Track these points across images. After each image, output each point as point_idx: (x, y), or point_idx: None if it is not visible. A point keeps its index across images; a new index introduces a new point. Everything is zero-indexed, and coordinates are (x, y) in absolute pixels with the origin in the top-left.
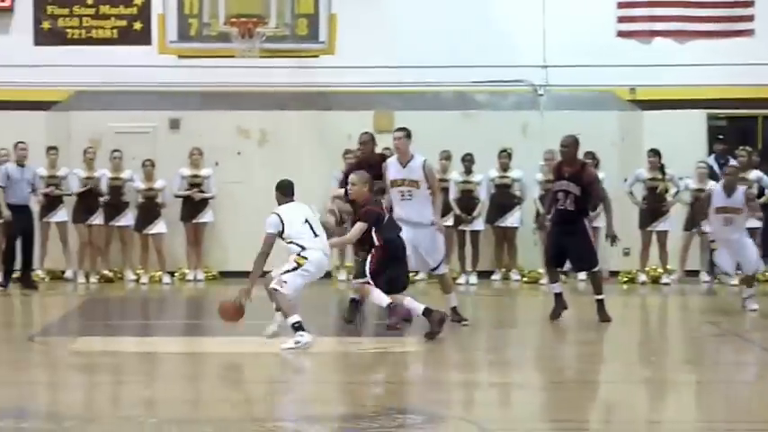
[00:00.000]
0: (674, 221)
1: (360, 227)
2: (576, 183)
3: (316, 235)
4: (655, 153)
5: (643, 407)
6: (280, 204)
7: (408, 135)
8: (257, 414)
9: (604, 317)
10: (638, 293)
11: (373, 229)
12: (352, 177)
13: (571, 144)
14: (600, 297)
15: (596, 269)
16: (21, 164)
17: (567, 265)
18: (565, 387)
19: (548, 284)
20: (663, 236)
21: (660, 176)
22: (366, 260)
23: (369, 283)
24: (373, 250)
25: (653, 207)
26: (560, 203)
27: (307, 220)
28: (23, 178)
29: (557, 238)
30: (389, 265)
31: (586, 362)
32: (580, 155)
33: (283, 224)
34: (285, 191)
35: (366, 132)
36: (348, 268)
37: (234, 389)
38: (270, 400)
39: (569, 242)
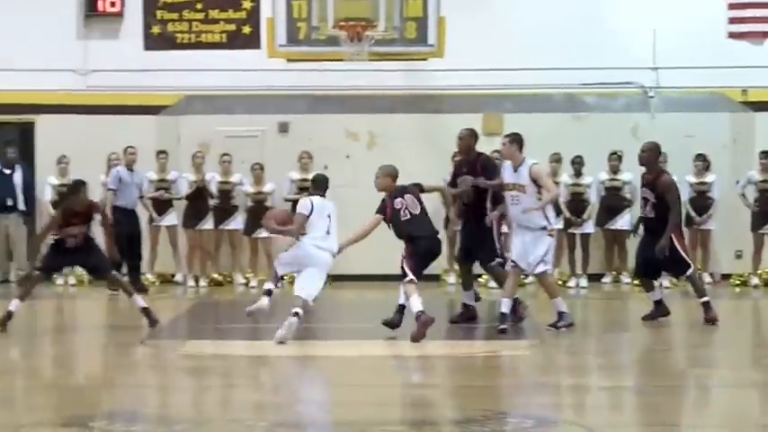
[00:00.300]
0: None
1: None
2: (651, 190)
3: (328, 233)
4: (767, 155)
5: (755, 411)
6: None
7: (513, 141)
8: (367, 418)
9: (710, 318)
10: (751, 297)
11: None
12: (377, 171)
13: (648, 149)
14: (703, 300)
15: (689, 273)
16: (130, 168)
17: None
18: (675, 391)
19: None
20: None
21: None
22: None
23: (413, 281)
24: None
25: (765, 209)
26: (642, 211)
27: (329, 216)
28: (133, 182)
29: (641, 249)
30: (418, 261)
31: (697, 365)
32: (690, 157)
33: (312, 210)
34: (319, 185)
35: (465, 129)
36: (457, 272)
37: (343, 392)
38: (379, 403)
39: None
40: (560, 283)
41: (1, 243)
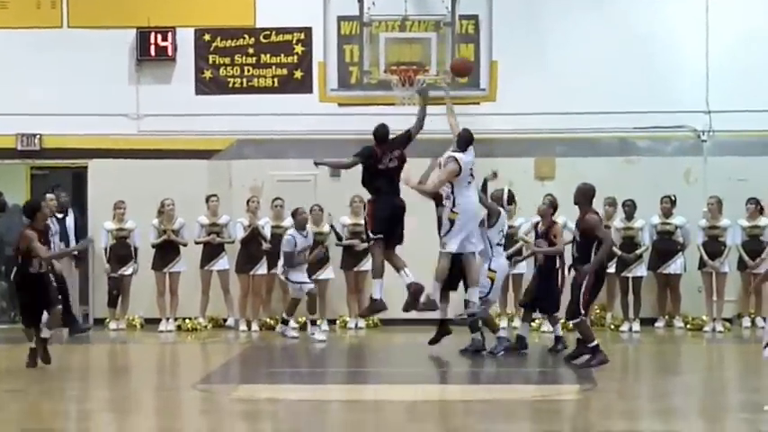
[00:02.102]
0: None
1: None
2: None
3: None
4: None
5: None
6: None
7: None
8: None
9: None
10: None
11: None
12: None
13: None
14: (592, 344)
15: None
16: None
17: None
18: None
19: None
20: None
21: None
22: None
23: None
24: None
25: None
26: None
27: None
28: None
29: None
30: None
31: (752, 411)
32: (743, 201)
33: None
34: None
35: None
36: (509, 315)
37: None
38: None
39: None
40: (613, 327)
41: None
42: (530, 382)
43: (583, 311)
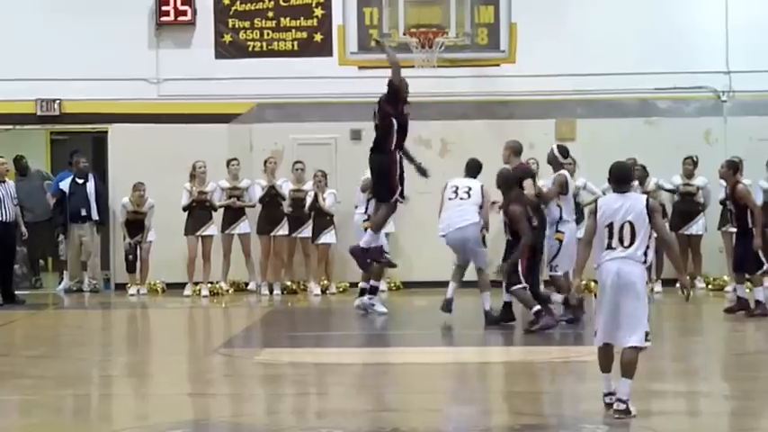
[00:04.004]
0: None
1: None
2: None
3: None
4: None
5: None
6: None
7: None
8: (434, 425)
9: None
10: None
11: None
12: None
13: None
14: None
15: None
16: (2, 180)
17: None
18: (752, 396)
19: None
20: None
21: None
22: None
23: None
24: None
25: None
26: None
27: None
28: (8, 194)
29: None
30: None
31: None
32: (764, 161)
33: None
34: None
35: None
36: None
37: (413, 399)
38: (448, 410)
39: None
40: None
41: (75, 252)
42: (552, 343)
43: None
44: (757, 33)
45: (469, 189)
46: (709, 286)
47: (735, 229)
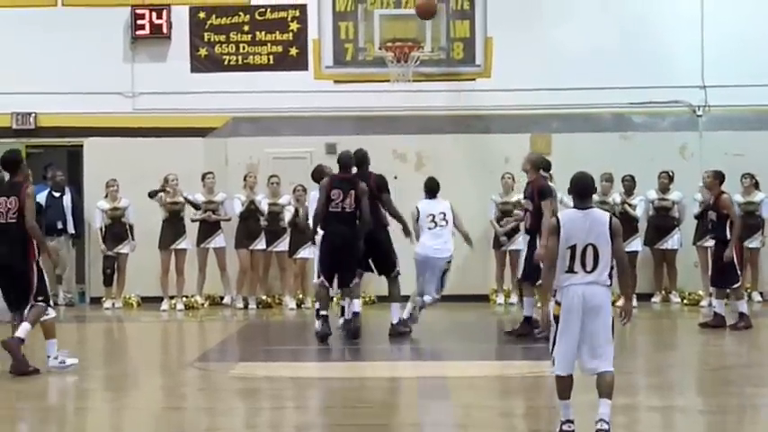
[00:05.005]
0: None
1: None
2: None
3: None
4: None
5: None
6: None
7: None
8: None
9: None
10: None
11: None
12: None
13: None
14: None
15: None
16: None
17: None
18: (727, 411)
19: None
20: None
21: None
22: None
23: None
24: None
25: None
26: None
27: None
28: None
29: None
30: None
31: (750, 385)
32: (738, 176)
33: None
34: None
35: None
36: (506, 292)
37: (393, 414)
38: (430, 424)
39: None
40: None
41: (50, 265)
42: (523, 357)
43: None
44: (732, 48)
45: (444, 215)
46: (684, 301)
47: (713, 242)
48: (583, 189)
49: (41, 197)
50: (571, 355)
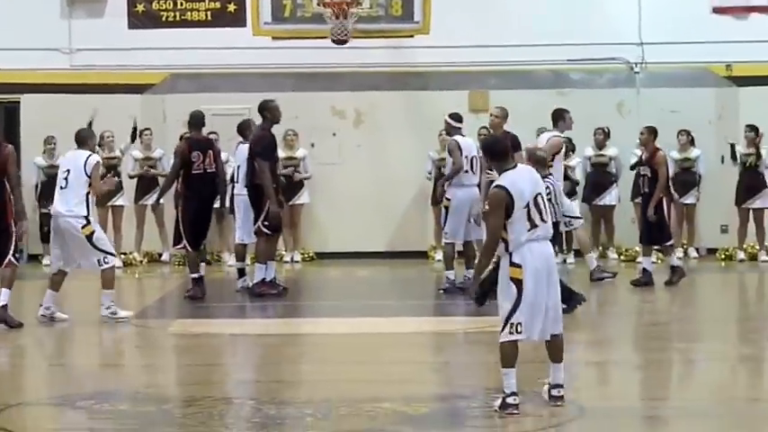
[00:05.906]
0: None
1: None
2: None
3: None
4: (752, 129)
5: (742, 385)
6: None
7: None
8: (352, 395)
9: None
10: (737, 271)
11: None
12: None
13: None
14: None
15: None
16: None
17: None
18: (662, 365)
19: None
20: (759, 213)
21: (754, 152)
22: None
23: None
24: None
25: (749, 183)
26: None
27: None
28: None
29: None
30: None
31: (683, 340)
32: (675, 132)
33: None
34: None
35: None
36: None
37: (330, 370)
38: (367, 380)
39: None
40: None
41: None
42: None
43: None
44: (670, 5)
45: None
46: (622, 257)
47: (640, 198)
48: (501, 150)
49: None
50: (537, 319)
